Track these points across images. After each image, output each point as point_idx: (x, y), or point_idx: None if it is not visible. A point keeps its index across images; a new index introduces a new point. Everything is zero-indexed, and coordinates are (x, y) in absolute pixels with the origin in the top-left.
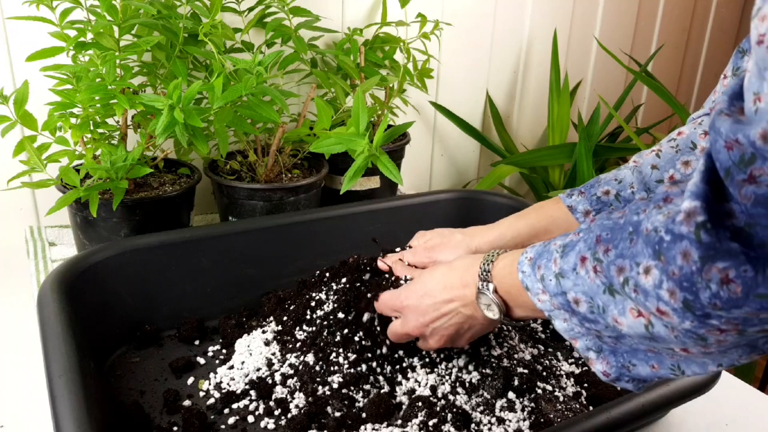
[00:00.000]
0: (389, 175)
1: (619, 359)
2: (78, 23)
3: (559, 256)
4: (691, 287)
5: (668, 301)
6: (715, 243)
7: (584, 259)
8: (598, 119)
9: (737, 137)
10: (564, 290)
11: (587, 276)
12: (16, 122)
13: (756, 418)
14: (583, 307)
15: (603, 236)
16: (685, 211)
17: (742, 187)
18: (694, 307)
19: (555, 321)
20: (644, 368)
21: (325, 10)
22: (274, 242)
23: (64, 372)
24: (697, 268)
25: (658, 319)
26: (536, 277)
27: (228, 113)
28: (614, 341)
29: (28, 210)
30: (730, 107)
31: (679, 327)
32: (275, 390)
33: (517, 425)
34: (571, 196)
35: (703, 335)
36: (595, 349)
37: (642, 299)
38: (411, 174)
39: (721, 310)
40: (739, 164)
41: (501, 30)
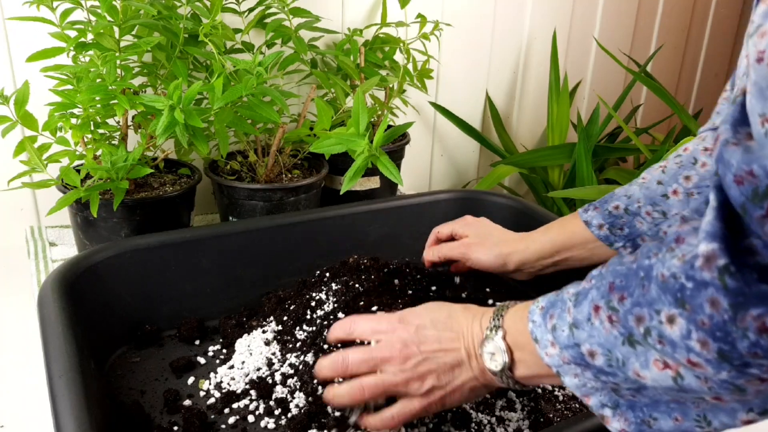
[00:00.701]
0: (389, 175)
1: (638, 414)
2: (78, 24)
3: (573, 305)
4: (726, 337)
5: (700, 352)
6: (743, 288)
7: (598, 308)
8: (597, 119)
9: (751, 168)
10: (578, 342)
11: (602, 327)
12: (17, 122)
13: None
14: (600, 360)
15: (617, 283)
16: (703, 255)
17: (764, 223)
18: (732, 357)
19: (564, 377)
20: (667, 422)
21: (325, 10)
22: (274, 242)
23: (65, 372)
24: (730, 317)
25: (689, 371)
26: (547, 327)
27: (228, 113)
28: (634, 394)
29: (29, 210)
30: (736, 135)
31: (714, 378)
32: (275, 390)
33: (517, 425)
34: (587, 211)
35: (741, 385)
36: (611, 406)
37: (669, 350)
38: (411, 174)
39: (763, 359)
40: (753, 199)
41: (501, 30)
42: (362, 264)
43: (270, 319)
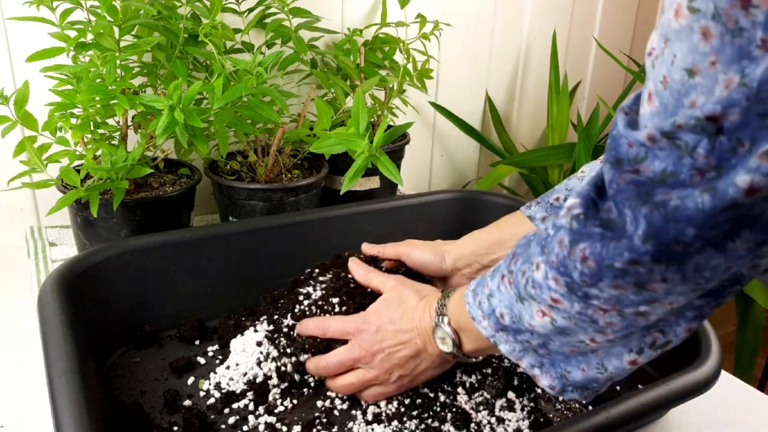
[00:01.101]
0: (389, 175)
1: (558, 369)
2: (78, 24)
3: (490, 279)
4: (566, 270)
5: (555, 288)
6: (581, 229)
7: (503, 276)
8: (597, 119)
9: (629, 140)
10: (493, 308)
11: (506, 290)
12: (17, 123)
13: (755, 418)
14: (507, 319)
15: (517, 252)
16: (567, 206)
17: (624, 173)
18: (574, 287)
19: (499, 345)
20: (577, 373)
21: (325, 10)
22: (274, 242)
23: (65, 372)
24: (568, 251)
25: (556, 311)
26: (476, 304)
27: (228, 114)
28: (544, 350)
29: (29, 210)
30: (632, 106)
31: (571, 312)
32: (272, 390)
33: (517, 425)
34: (530, 207)
35: (592, 316)
36: (537, 365)
37: (539, 293)
38: (411, 174)
39: (591, 286)
40: (632, 161)
41: (501, 30)
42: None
43: (263, 318)
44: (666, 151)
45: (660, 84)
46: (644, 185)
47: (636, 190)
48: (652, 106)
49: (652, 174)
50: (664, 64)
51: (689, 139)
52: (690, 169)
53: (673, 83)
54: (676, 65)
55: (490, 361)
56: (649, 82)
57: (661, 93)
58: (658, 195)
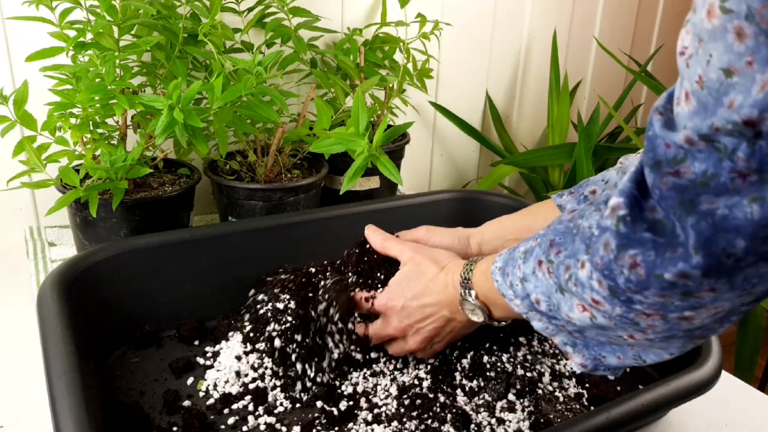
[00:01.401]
0: (389, 175)
1: (591, 352)
2: (77, 23)
3: (522, 262)
4: (611, 274)
5: (598, 289)
6: (630, 233)
7: (541, 262)
8: (597, 119)
9: (666, 141)
10: (528, 293)
11: (544, 277)
12: (16, 122)
13: (756, 418)
14: (543, 306)
15: (556, 240)
16: (611, 206)
17: (664, 176)
18: (617, 292)
19: (532, 322)
20: (612, 359)
21: (325, 10)
22: (274, 242)
23: (64, 372)
24: (614, 256)
25: (597, 310)
26: (507, 284)
27: (228, 113)
28: (580, 336)
29: (28, 210)
30: (666, 105)
31: (612, 314)
32: (269, 391)
33: (517, 425)
34: (562, 196)
35: (634, 319)
36: (570, 344)
37: (580, 291)
38: (411, 174)
39: (636, 293)
40: (671, 162)
41: (501, 30)
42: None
43: (246, 318)
44: (705, 153)
45: (696, 84)
46: (687, 190)
47: (679, 197)
48: (689, 105)
49: (693, 176)
50: (699, 64)
51: (728, 143)
52: (730, 172)
53: (710, 83)
54: (712, 65)
55: (492, 366)
56: (685, 81)
57: (698, 92)
58: (703, 203)
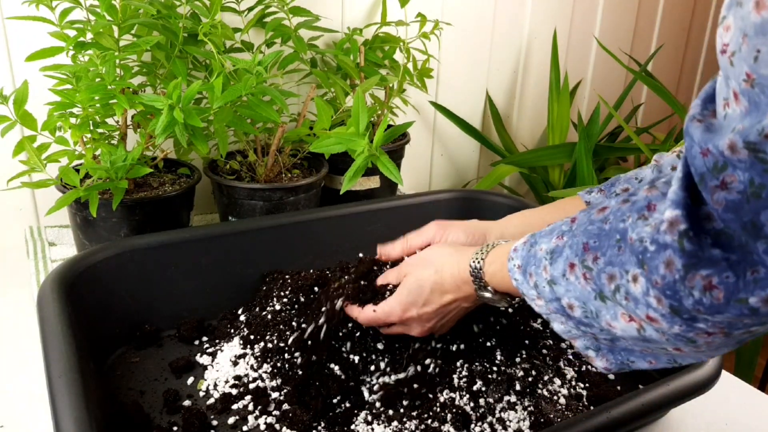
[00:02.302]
0: (389, 175)
1: (618, 357)
2: (77, 23)
3: (549, 263)
4: (675, 295)
5: (656, 308)
6: (697, 251)
7: (573, 265)
8: (597, 119)
9: (708, 147)
10: (558, 296)
11: (578, 282)
12: (16, 122)
13: (756, 418)
14: (578, 312)
15: (590, 244)
16: (668, 220)
17: (714, 192)
18: (681, 312)
19: (553, 323)
20: (643, 363)
21: (325, 10)
22: (274, 242)
23: (64, 372)
24: (681, 276)
25: (649, 325)
26: (530, 285)
27: (228, 113)
28: (610, 343)
29: (28, 210)
30: (703, 111)
31: (668, 332)
32: (269, 391)
33: (518, 425)
34: (591, 192)
35: (692, 338)
36: (593, 349)
37: (633, 306)
38: (411, 174)
39: (705, 314)
40: (712, 171)
41: (501, 30)
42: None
43: (242, 319)
44: (745, 164)
45: (744, 82)
46: (743, 208)
47: (739, 220)
48: (740, 106)
49: (741, 186)
50: (745, 61)
51: None
52: None
53: (763, 79)
54: (762, 60)
55: (492, 366)
56: (731, 81)
57: (748, 92)
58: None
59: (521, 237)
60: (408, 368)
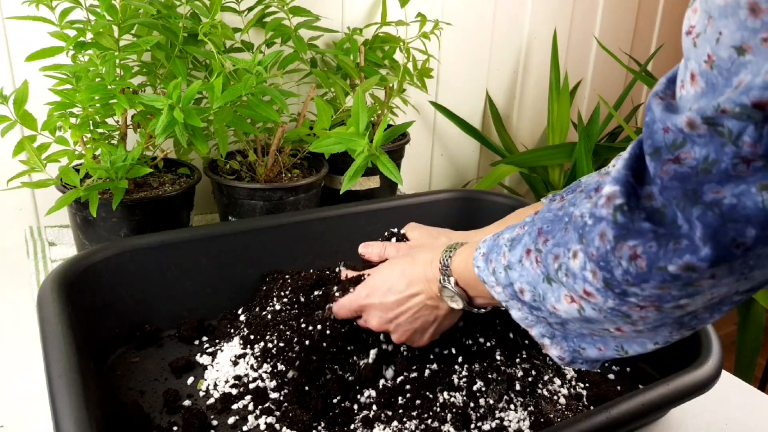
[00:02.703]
0: (389, 175)
1: (570, 344)
2: (77, 23)
3: (508, 249)
4: (607, 265)
5: (591, 281)
6: (628, 223)
7: (529, 251)
8: (597, 119)
9: (667, 125)
10: (512, 281)
11: (531, 267)
12: (16, 122)
13: (756, 418)
14: (527, 296)
15: (544, 228)
16: (606, 195)
17: (665, 164)
18: (612, 284)
19: (511, 311)
20: (593, 351)
21: (325, 9)
22: (274, 242)
23: (64, 372)
24: (612, 247)
25: (587, 302)
26: (489, 270)
27: (228, 113)
28: (561, 328)
29: (28, 210)
30: (666, 90)
31: (603, 306)
32: (269, 391)
33: (518, 425)
34: (553, 200)
35: (626, 312)
36: (548, 336)
37: (571, 282)
38: (411, 174)
39: (633, 285)
40: (670, 147)
41: (501, 30)
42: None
43: (242, 319)
44: (705, 138)
45: (705, 63)
46: (689, 179)
47: (682, 188)
48: (696, 87)
49: (694, 162)
50: (708, 43)
51: (732, 126)
52: (733, 158)
53: (721, 62)
54: (722, 43)
55: (492, 366)
56: (691, 62)
57: (707, 73)
58: (707, 193)
59: None
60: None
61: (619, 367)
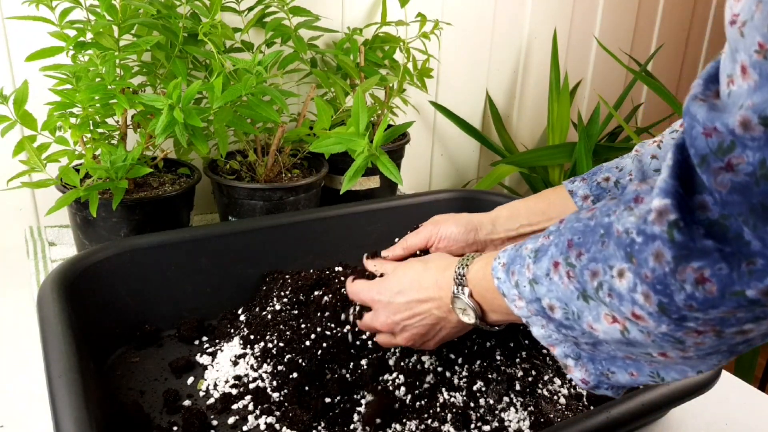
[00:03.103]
0: (389, 175)
1: (598, 366)
2: (77, 23)
3: (532, 261)
4: (665, 289)
5: (643, 304)
6: (688, 242)
7: (557, 264)
8: (597, 119)
9: (715, 125)
10: (538, 296)
11: (561, 282)
12: (16, 122)
13: (756, 418)
14: (558, 313)
15: (575, 240)
16: (656, 209)
17: (718, 174)
18: (670, 310)
19: (533, 327)
20: (623, 376)
21: (325, 9)
22: (274, 242)
23: (64, 372)
24: (671, 269)
25: (634, 324)
26: (511, 283)
27: (228, 113)
28: (592, 348)
29: (28, 210)
30: (705, 91)
31: (655, 331)
32: (269, 391)
33: (518, 425)
34: (574, 182)
35: (680, 338)
36: (573, 357)
37: (617, 304)
38: (411, 174)
39: (697, 311)
40: (717, 152)
41: (501, 30)
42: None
43: (242, 319)
44: (759, 141)
45: (756, 54)
46: (750, 191)
47: (746, 203)
48: (748, 80)
49: (750, 168)
50: (758, 30)
51: None
52: None
53: None
54: None
55: (492, 366)
56: (739, 54)
57: (760, 64)
58: None
59: (511, 226)
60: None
61: None
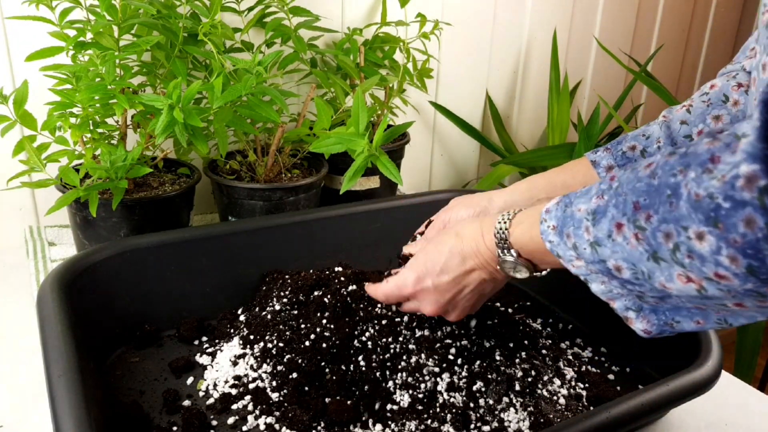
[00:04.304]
0: (389, 175)
1: (661, 317)
2: (77, 23)
3: (591, 224)
4: (757, 254)
5: (729, 266)
6: None
7: (620, 226)
8: (597, 119)
9: None
10: (602, 258)
11: (626, 244)
12: (16, 122)
13: (756, 418)
14: (626, 273)
15: (642, 202)
16: (744, 176)
17: None
18: (759, 272)
19: (591, 284)
20: (689, 324)
21: (325, 9)
22: (274, 242)
23: (64, 372)
24: (765, 234)
25: (714, 284)
26: (567, 245)
27: (228, 113)
28: (658, 301)
29: (28, 210)
30: None
31: (739, 288)
32: (269, 391)
33: (518, 425)
34: (596, 152)
35: (764, 292)
36: (634, 309)
37: (697, 265)
38: (411, 174)
39: None
40: None
41: (501, 30)
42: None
43: (242, 319)
44: None
45: None
46: None
47: None
48: None
49: None
50: None
51: None
52: None
53: None
54: None
55: (492, 366)
56: None
57: None
58: None
59: (529, 202)
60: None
61: (619, 368)
